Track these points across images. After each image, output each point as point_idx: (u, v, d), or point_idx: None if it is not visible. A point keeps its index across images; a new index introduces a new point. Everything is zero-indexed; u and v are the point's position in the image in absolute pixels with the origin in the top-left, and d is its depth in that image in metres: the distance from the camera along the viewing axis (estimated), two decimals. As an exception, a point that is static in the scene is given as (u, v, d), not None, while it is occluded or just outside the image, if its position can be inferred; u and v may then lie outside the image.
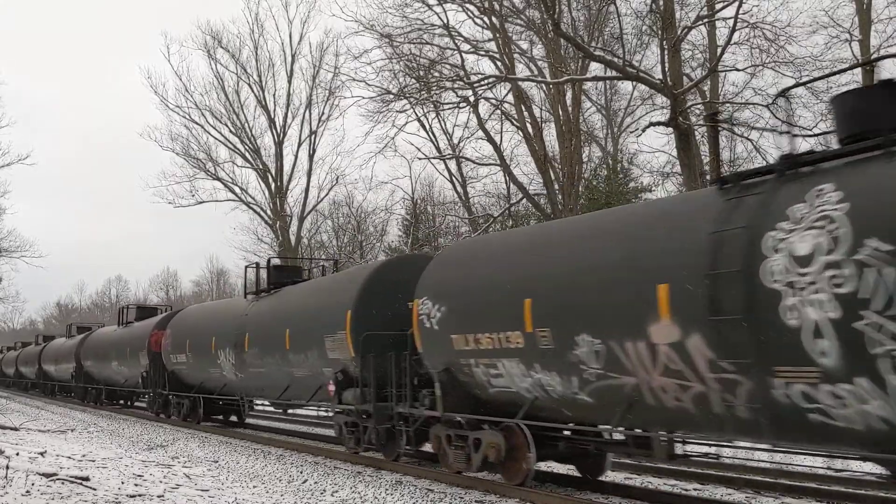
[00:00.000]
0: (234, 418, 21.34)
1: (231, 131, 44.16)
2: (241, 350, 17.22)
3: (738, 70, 24.21)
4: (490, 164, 34.55)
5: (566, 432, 9.98)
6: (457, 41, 30.10)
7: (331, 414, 14.53)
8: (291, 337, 14.85)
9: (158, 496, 9.14)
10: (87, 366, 32.09)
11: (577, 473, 10.76)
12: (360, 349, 12.52)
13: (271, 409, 22.60)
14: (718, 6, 22.75)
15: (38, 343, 45.94)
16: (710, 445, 8.77)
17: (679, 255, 7.40)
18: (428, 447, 12.48)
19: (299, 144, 44.06)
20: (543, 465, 10.91)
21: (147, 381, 23.86)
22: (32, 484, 8.83)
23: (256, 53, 44.01)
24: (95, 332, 34.09)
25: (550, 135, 30.17)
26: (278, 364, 15.56)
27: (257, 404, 21.13)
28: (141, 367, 24.16)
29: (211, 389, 20.00)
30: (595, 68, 27.43)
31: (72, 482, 9.22)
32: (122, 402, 31.38)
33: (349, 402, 12.99)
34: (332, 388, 13.40)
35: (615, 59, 22.08)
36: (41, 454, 11.79)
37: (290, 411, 21.40)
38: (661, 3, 22.12)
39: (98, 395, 31.95)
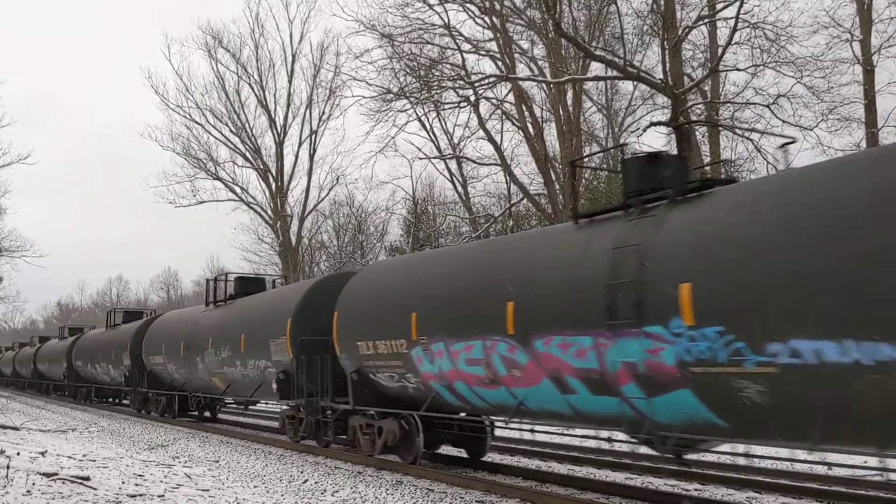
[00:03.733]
0: (457, 451, 13.20)
1: (231, 131, 44.29)
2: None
3: (738, 70, 24.24)
4: (491, 164, 34.61)
5: None
6: (457, 41, 30.16)
7: None
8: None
9: (159, 496, 9.14)
10: (153, 364, 23.52)
11: None
12: None
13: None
14: (719, 6, 22.81)
15: (64, 336, 39.55)
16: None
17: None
18: None
19: (300, 144, 44.21)
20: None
21: (288, 385, 15.05)
22: (33, 483, 8.84)
23: (257, 53, 44.16)
24: (161, 317, 25.98)
25: (551, 134, 30.24)
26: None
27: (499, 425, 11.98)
28: (271, 366, 15.58)
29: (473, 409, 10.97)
30: (596, 68, 27.48)
31: (72, 482, 9.22)
32: (197, 412, 23.20)
33: None
34: None
35: (616, 59, 22.10)
36: (42, 454, 11.80)
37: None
38: (662, 3, 22.13)
39: (169, 403, 23.08)
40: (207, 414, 23.38)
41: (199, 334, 19.78)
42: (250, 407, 24.50)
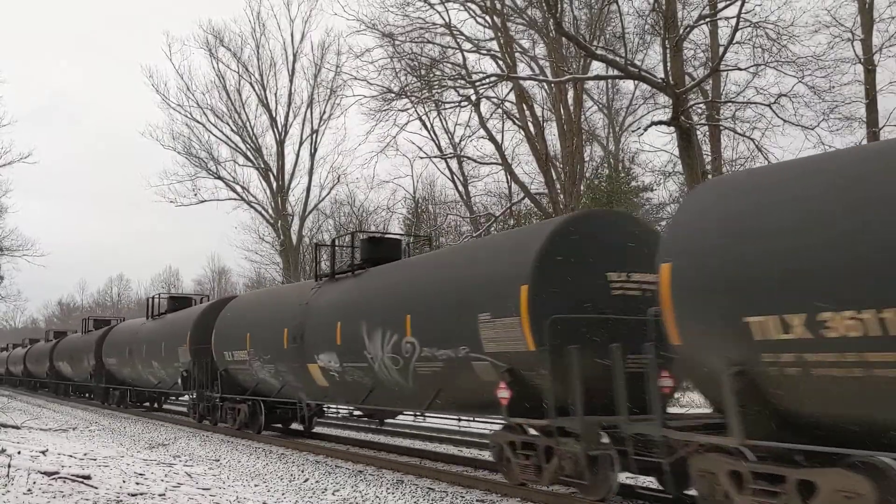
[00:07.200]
0: None
1: (233, 130, 44.33)
2: None
3: (740, 69, 24.18)
4: (491, 164, 34.63)
5: None
6: (458, 40, 30.12)
7: None
8: None
9: (160, 495, 9.14)
10: (229, 362, 17.64)
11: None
12: None
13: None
14: (721, 5, 22.77)
15: (89, 329, 33.22)
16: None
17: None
18: None
19: (301, 143, 44.27)
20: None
21: (522, 393, 9.02)
22: (34, 482, 8.84)
23: (258, 52, 44.24)
24: (237, 300, 19.67)
25: (552, 134, 30.22)
26: None
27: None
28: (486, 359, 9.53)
29: None
30: (597, 67, 27.47)
31: (73, 481, 9.22)
32: (280, 425, 18.01)
33: None
34: None
35: (617, 58, 22.05)
36: (43, 453, 11.80)
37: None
38: (664, 2, 22.11)
39: (252, 413, 17.23)
40: (296, 427, 17.59)
41: (314, 318, 13.86)
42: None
